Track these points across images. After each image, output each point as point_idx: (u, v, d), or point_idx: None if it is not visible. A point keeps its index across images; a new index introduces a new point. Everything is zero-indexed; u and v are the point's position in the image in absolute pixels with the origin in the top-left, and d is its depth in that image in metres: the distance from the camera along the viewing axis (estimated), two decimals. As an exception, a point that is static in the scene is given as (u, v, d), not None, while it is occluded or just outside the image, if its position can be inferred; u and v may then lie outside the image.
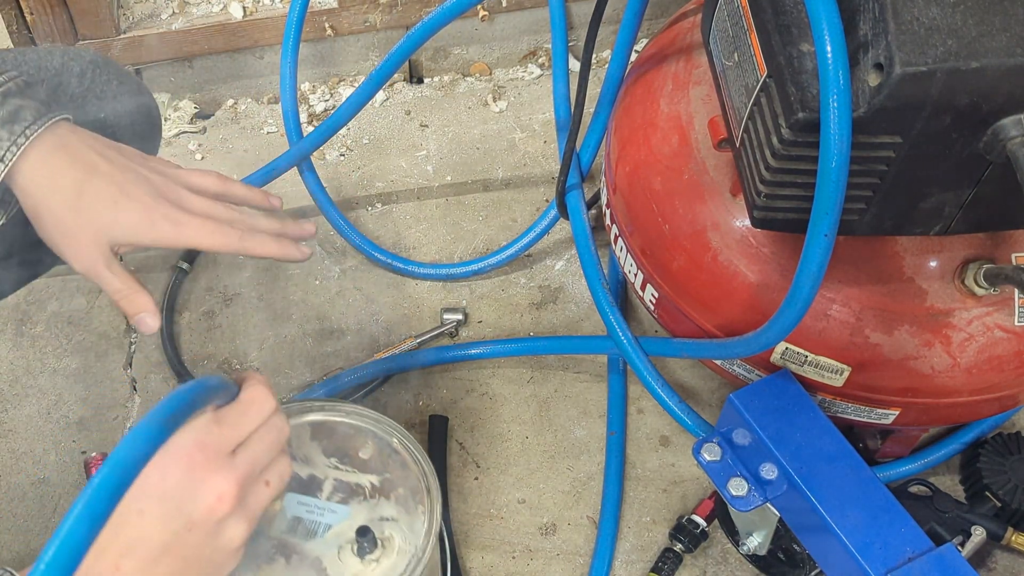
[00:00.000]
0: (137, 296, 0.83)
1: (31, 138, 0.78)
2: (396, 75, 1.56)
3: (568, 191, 1.21)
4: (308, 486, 0.93)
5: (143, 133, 1.02)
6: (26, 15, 1.35)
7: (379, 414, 0.98)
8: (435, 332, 1.31)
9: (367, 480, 0.93)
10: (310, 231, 0.90)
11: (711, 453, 0.99)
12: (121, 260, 0.84)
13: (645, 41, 1.51)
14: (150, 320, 0.84)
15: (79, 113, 0.90)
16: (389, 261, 1.37)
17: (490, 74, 1.59)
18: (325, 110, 1.54)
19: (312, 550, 0.90)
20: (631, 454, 1.23)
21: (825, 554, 0.97)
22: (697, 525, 1.14)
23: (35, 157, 0.78)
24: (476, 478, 1.22)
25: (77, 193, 0.80)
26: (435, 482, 0.93)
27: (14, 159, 0.77)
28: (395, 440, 0.96)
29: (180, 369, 1.26)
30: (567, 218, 1.23)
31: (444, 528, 1.11)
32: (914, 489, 1.14)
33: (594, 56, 1.55)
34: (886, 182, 0.84)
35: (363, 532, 0.88)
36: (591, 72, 1.14)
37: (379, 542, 0.89)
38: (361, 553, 0.88)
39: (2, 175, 0.77)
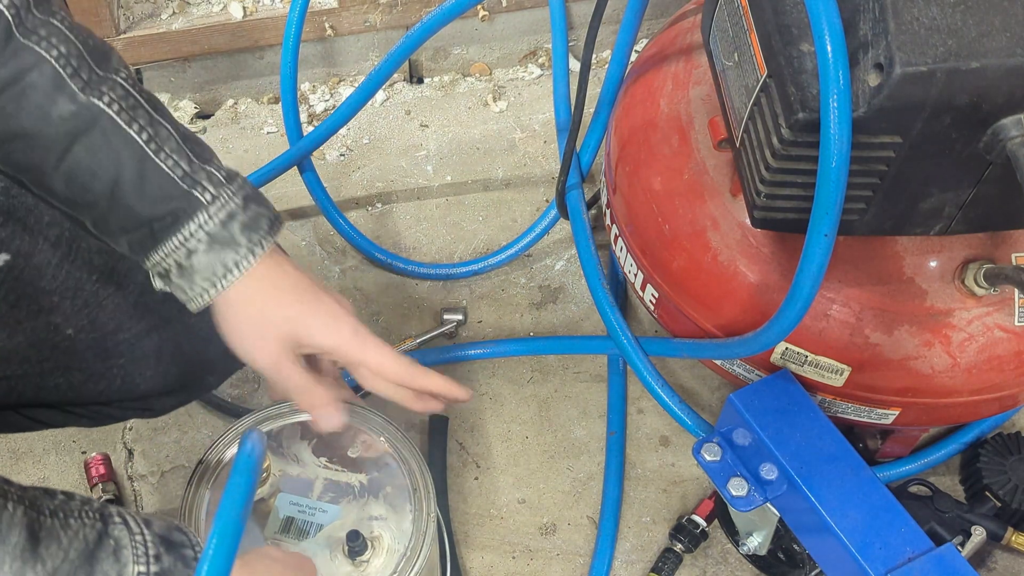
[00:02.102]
0: (315, 392, 0.84)
1: (266, 249, 0.80)
2: (396, 75, 1.56)
3: (568, 191, 1.21)
4: (299, 486, 0.93)
5: None
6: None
7: (370, 411, 0.98)
8: (435, 332, 1.30)
9: (356, 479, 0.94)
10: (463, 397, 0.89)
11: (711, 453, 0.99)
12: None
13: (645, 41, 1.51)
14: (326, 420, 0.85)
15: None
16: (389, 261, 1.36)
17: (490, 74, 1.59)
18: (325, 110, 1.54)
19: (304, 550, 0.90)
20: (631, 454, 1.23)
21: (825, 554, 0.97)
22: (697, 525, 1.14)
23: (253, 272, 0.80)
24: (476, 478, 1.22)
25: (275, 298, 0.81)
26: (425, 481, 0.93)
27: (249, 267, 0.79)
28: (383, 438, 0.96)
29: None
30: (567, 218, 1.23)
31: (444, 528, 1.11)
32: (914, 489, 1.14)
33: (594, 56, 1.55)
34: (886, 182, 0.84)
35: (353, 537, 0.88)
36: (591, 72, 1.14)
37: (369, 542, 0.89)
38: (352, 555, 0.89)
39: (234, 281, 0.79)
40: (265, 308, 0.81)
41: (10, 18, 0.74)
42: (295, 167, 1.36)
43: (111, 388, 0.95)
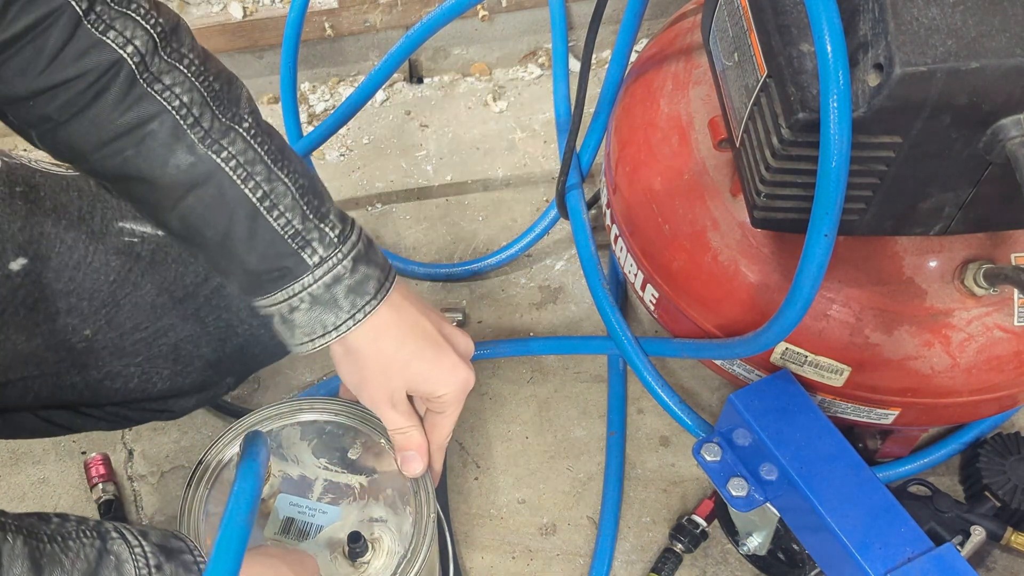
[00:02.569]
0: (412, 434, 0.89)
1: (369, 314, 0.82)
2: (396, 75, 1.56)
3: (568, 191, 1.21)
4: (299, 487, 0.93)
5: None
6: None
7: (371, 412, 0.98)
8: (435, 332, 1.30)
9: (356, 481, 0.94)
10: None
11: (711, 453, 0.99)
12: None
13: (645, 41, 1.51)
14: (414, 462, 0.90)
15: None
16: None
17: (490, 74, 1.59)
18: (325, 110, 1.54)
19: (305, 551, 0.90)
20: (631, 454, 1.23)
21: (825, 554, 0.97)
22: (697, 525, 1.14)
23: (367, 324, 0.83)
24: (476, 478, 1.22)
25: (393, 349, 0.84)
26: (425, 483, 0.93)
27: (349, 331, 0.82)
28: (383, 440, 0.96)
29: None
30: (567, 218, 1.23)
31: (447, 528, 1.11)
32: (914, 489, 1.14)
33: (594, 56, 1.55)
34: (886, 182, 0.84)
35: (355, 538, 0.88)
36: (591, 72, 1.14)
37: (369, 544, 0.89)
38: (353, 557, 0.89)
39: (332, 341, 0.82)
40: (381, 358, 0.84)
41: (134, 66, 0.75)
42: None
43: (128, 388, 0.96)
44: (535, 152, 1.50)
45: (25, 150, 0.92)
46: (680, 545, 1.14)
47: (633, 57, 1.19)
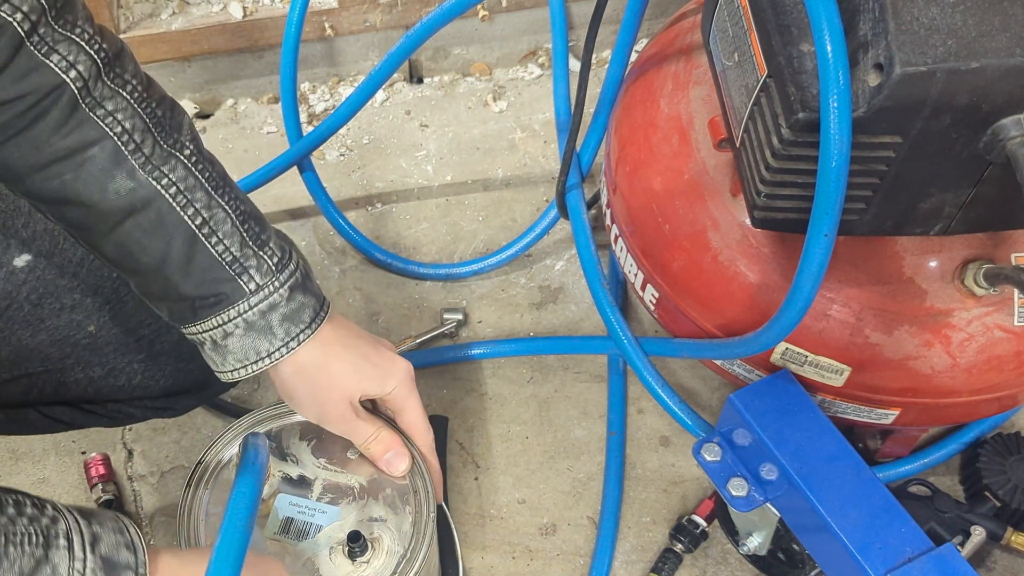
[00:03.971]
0: (383, 435, 0.90)
1: (303, 342, 0.83)
2: (396, 75, 1.56)
3: (568, 191, 1.21)
4: (299, 486, 0.93)
5: None
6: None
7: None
8: (435, 332, 1.30)
9: (355, 481, 0.94)
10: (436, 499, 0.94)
11: (711, 453, 0.99)
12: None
13: (645, 41, 1.51)
14: (397, 459, 0.91)
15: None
16: (389, 261, 1.36)
17: (490, 74, 1.59)
18: (325, 110, 1.54)
19: (304, 551, 0.90)
20: (631, 454, 1.23)
21: (825, 554, 0.97)
22: (697, 525, 1.14)
23: (309, 345, 0.84)
24: (476, 478, 1.22)
25: (329, 370, 0.86)
26: (425, 482, 0.93)
27: (280, 360, 0.83)
28: None
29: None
30: (567, 218, 1.23)
31: (452, 527, 1.11)
32: (914, 489, 1.14)
33: (594, 56, 1.55)
34: (886, 182, 0.84)
35: (354, 538, 0.88)
36: (591, 72, 1.14)
37: (369, 543, 0.89)
38: (352, 556, 0.89)
39: (266, 367, 0.84)
40: (329, 372, 0.86)
41: (76, 91, 0.74)
42: (295, 167, 1.36)
43: (131, 384, 0.97)
44: (535, 152, 1.50)
45: None
46: (680, 545, 1.14)
47: (633, 57, 1.19)
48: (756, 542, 1.09)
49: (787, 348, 1.00)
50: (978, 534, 1.08)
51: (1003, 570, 1.15)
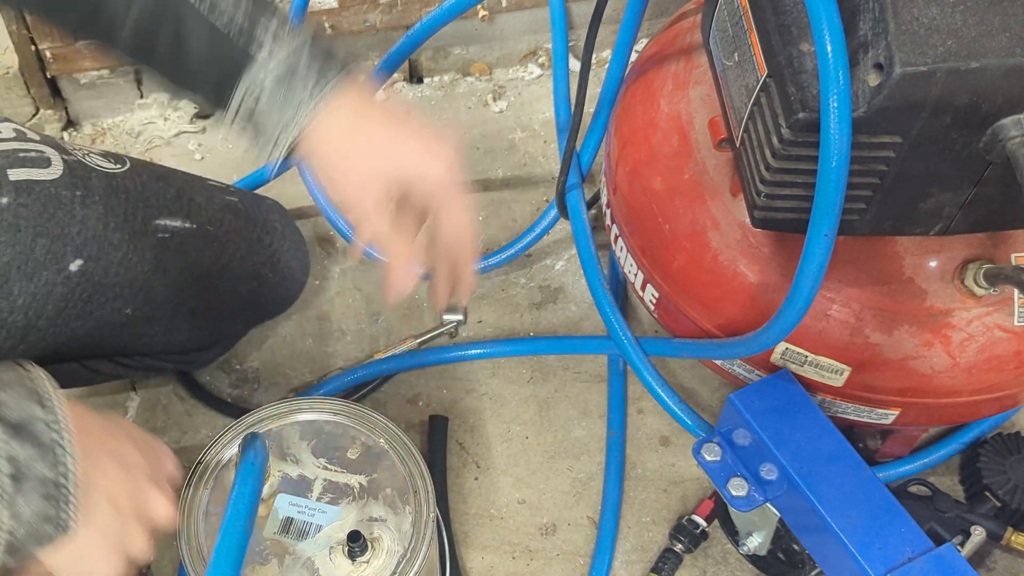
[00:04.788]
0: (399, 241, 0.83)
1: (328, 95, 0.80)
2: (396, 75, 1.56)
3: (568, 191, 1.21)
4: (299, 486, 0.94)
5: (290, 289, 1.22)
6: (26, 16, 1.35)
7: (370, 412, 0.98)
8: (435, 332, 1.30)
9: (355, 481, 0.94)
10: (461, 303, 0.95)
11: (711, 453, 0.99)
12: None
13: (645, 41, 1.51)
14: (399, 278, 0.83)
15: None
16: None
17: (490, 74, 1.59)
18: (325, 110, 1.54)
19: (304, 551, 0.90)
20: (631, 454, 1.23)
21: (825, 554, 0.97)
22: (697, 525, 1.14)
23: (339, 104, 0.80)
24: (476, 478, 1.22)
25: (362, 133, 0.81)
26: (424, 483, 0.93)
27: (312, 118, 0.80)
28: (383, 440, 0.96)
29: (181, 380, 1.26)
30: (567, 218, 1.23)
31: (444, 529, 1.11)
32: (914, 489, 1.14)
33: (594, 56, 1.55)
34: (886, 182, 0.84)
35: (354, 537, 0.88)
36: (591, 72, 1.14)
37: (368, 543, 0.89)
38: (352, 555, 0.89)
39: (297, 132, 0.80)
40: (353, 144, 0.81)
41: None
42: (295, 167, 1.36)
43: (154, 343, 1.10)
44: (535, 152, 1.50)
45: (77, 148, 0.96)
46: (680, 545, 1.14)
47: (633, 57, 1.19)
48: (756, 542, 1.09)
49: (787, 348, 1.00)
50: (978, 534, 1.08)
51: (1003, 570, 1.15)
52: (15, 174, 0.92)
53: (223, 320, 1.17)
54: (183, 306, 1.08)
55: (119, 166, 1.03)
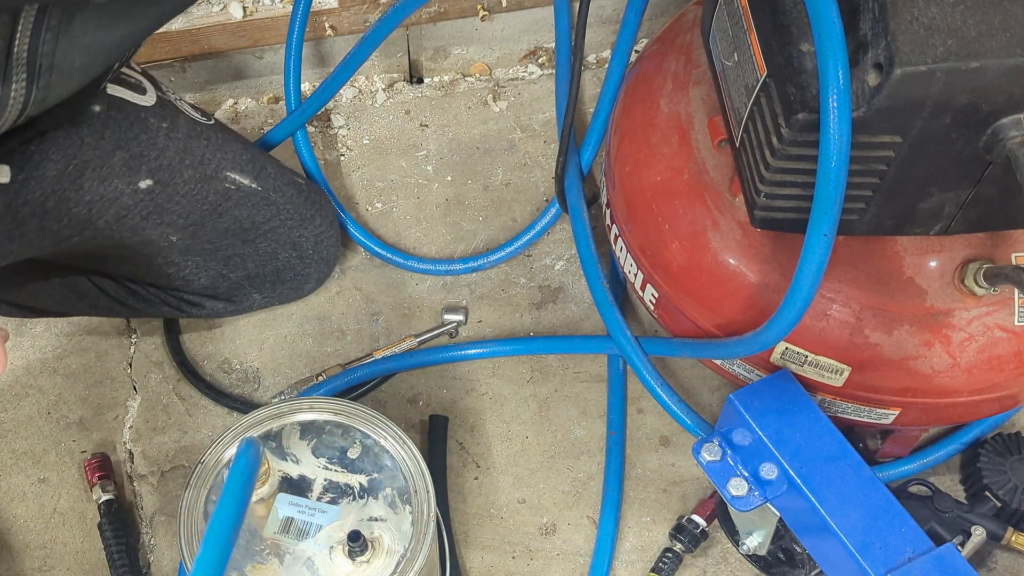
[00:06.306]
0: None
1: None
2: (396, 75, 1.56)
3: (566, 172, 1.20)
4: (299, 486, 0.94)
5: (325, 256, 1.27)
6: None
7: (370, 412, 0.98)
8: (435, 332, 1.30)
9: (356, 480, 0.94)
10: None
11: (711, 453, 0.99)
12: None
13: (645, 41, 1.51)
14: None
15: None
16: (389, 255, 1.36)
17: (490, 74, 1.59)
18: (326, 110, 1.54)
19: (304, 550, 0.90)
20: (631, 454, 1.23)
21: (825, 554, 0.97)
22: (697, 525, 1.14)
23: None
24: (476, 478, 1.22)
25: None
26: (424, 483, 0.93)
27: None
28: (383, 440, 0.96)
29: (181, 368, 1.26)
30: (567, 211, 1.23)
31: (444, 529, 1.11)
32: (914, 489, 1.14)
33: (594, 56, 1.55)
34: (886, 182, 0.84)
35: (354, 537, 0.88)
36: (591, 73, 1.14)
37: (369, 543, 0.89)
38: (352, 555, 0.89)
39: None
40: None
41: None
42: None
43: (177, 275, 1.17)
44: (535, 152, 1.50)
45: (172, 92, 1.07)
46: (680, 545, 1.14)
47: (633, 57, 1.19)
48: (756, 542, 1.09)
49: (787, 348, 1.00)
50: (978, 534, 1.08)
51: (1003, 570, 1.15)
52: (112, 89, 1.03)
53: (249, 279, 1.22)
54: (222, 250, 1.16)
55: (207, 119, 1.14)
